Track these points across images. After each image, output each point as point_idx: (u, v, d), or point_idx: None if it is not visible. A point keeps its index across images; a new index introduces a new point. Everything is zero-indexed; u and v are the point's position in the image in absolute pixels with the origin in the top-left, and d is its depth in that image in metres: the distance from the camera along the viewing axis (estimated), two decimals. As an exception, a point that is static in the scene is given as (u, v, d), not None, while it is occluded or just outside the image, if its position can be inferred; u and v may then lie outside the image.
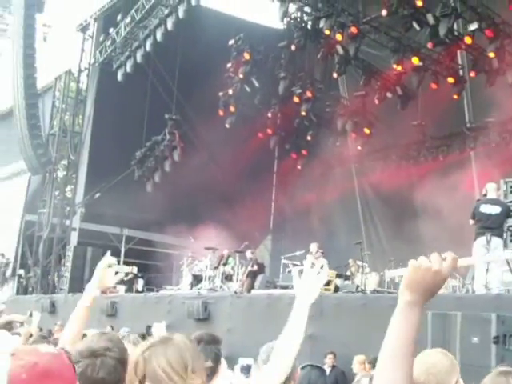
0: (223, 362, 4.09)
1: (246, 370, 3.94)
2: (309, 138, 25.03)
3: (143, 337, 4.75)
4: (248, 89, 23.17)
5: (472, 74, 19.78)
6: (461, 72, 20.66)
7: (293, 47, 21.36)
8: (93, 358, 2.72)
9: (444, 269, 1.91)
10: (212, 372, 3.72)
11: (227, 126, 23.55)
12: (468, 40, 18.31)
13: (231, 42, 22.43)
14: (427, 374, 3.16)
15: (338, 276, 16.47)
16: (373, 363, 9.14)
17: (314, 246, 16.95)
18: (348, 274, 17.32)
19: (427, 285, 1.90)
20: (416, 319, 1.88)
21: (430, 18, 17.62)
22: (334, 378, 10.80)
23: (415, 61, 19.53)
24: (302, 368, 3.92)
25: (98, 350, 2.75)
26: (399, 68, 19.93)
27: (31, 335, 7.17)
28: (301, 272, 3.04)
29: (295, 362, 3.70)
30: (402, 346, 1.85)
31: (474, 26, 17.89)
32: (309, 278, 3.04)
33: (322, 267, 3.07)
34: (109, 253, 4.58)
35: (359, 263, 16.13)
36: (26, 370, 2.02)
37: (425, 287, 1.90)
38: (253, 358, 4.14)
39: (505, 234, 11.24)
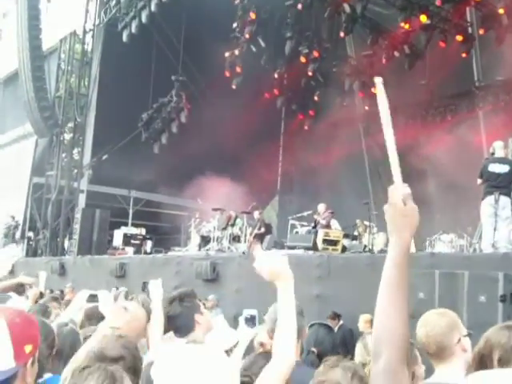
0: (206, 313, 4.18)
1: (251, 320, 4.01)
2: (316, 98, 24.89)
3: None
4: (254, 49, 22.93)
5: (481, 32, 19.50)
6: (469, 30, 20.39)
7: (299, 6, 21.07)
8: (104, 365, 2.66)
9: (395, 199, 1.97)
10: (188, 326, 3.92)
11: (234, 86, 23.40)
12: (477, -4, 18.06)
13: (237, 1, 22.16)
14: (427, 337, 3.24)
15: (346, 236, 16.54)
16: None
17: (321, 207, 16.98)
18: (356, 234, 17.37)
19: (395, 221, 1.98)
20: (392, 251, 1.95)
21: (439, -25, 17.36)
22: (342, 336, 10.88)
23: (423, 19, 19.24)
24: (310, 326, 3.94)
25: (112, 357, 2.71)
26: (407, 26, 19.66)
27: (41, 295, 7.23)
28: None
29: (303, 321, 3.72)
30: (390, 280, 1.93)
31: (483, -18, 17.62)
32: (269, 261, 2.79)
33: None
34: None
35: (367, 223, 16.15)
36: (16, 315, 2.38)
37: (395, 224, 1.98)
38: (256, 310, 4.20)
39: (513, 193, 11.22)
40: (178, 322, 4.04)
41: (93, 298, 4.76)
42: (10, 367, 2.26)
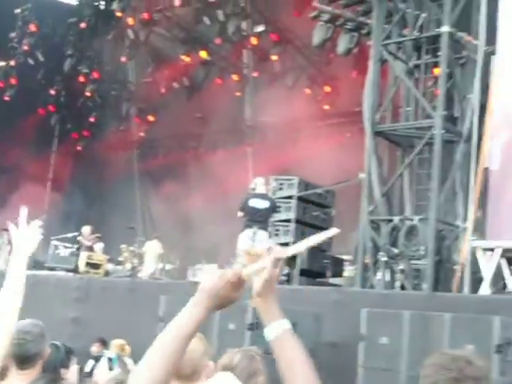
0: None
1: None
2: (92, 119, 24.63)
3: None
4: (32, 62, 22.31)
5: (255, 74, 20.72)
6: (245, 71, 21.50)
7: (83, 25, 20.93)
8: None
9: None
10: None
11: (7, 98, 22.55)
12: (254, 41, 19.20)
13: (18, 10, 21.45)
14: (186, 360, 3.39)
15: (110, 261, 16.50)
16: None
17: (86, 229, 16.70)
18: (121, 259, 17.35)
19: (218, 292, 1.95)
20: (198, 318, 1.91)
21: (220, 15, 18.23)
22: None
23: (203, 54, 20.07)
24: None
25: None
26: (187, 59, 20.32)
27: None
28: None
29: (44, 342, 3.68)
30: (176, 340, 1.89)
31: (260, 28, 18.80)
32: (26, 231, 3.15)
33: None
34: None
35: (132, 248, 16.25)
36: None
37: (217, 293, 1.94)
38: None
39: (270, 228, 11.97)
40: None
41: None
42: None
